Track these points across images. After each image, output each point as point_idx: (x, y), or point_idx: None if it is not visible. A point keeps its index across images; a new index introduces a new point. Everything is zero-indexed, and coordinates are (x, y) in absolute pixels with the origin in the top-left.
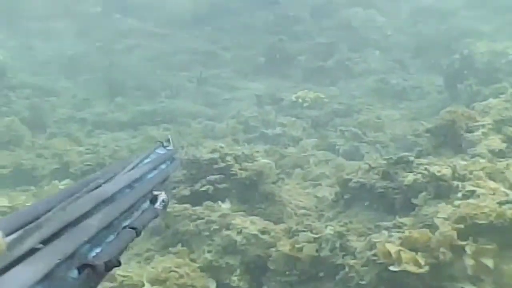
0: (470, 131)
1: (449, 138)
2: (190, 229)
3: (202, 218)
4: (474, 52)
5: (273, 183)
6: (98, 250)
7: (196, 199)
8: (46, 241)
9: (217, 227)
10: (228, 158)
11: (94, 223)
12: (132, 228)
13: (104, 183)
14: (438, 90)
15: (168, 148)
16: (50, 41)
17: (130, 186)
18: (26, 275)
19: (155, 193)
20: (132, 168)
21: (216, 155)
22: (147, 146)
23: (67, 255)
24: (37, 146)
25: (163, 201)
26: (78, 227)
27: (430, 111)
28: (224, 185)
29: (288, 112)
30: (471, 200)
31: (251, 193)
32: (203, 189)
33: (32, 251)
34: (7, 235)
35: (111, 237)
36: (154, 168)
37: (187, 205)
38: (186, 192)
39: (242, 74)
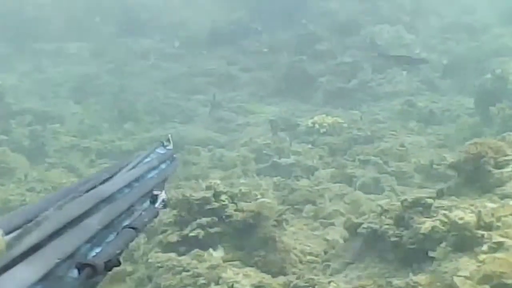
0: (500, 167)
1: (475, 175)
2: (173, 284)
3: (188, 270)
4: (507, 71)
5: (274, 225)
6: (98, 249)
7: (184, 245)
8: (46, 240)
9: (204, 281)
10: (223, 197)
11: (94, 222)
12: (132, 228)
13: (104, 182)
14: (469, 113)
15: (168, 147)
16: (62, 64)
17: (130, 185)
18: (26, 275)
19: (155, 192)
20: (132, 168)
21: (209, 194)
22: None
23: (67, 254)
24: (30, 179)
25: (163, 200)
26: (78, 226)
27: (459, 136)
28: (217, 229)
29: (304, 138)
30: (498, 254)
31: (248, 238)
32: (192, 234)
33: (32, 250)
34: (7, 233)
35: (111, 237)
36: (154, 168)
37: (172, 254)
38: (174, 237)
39: (259, 97)
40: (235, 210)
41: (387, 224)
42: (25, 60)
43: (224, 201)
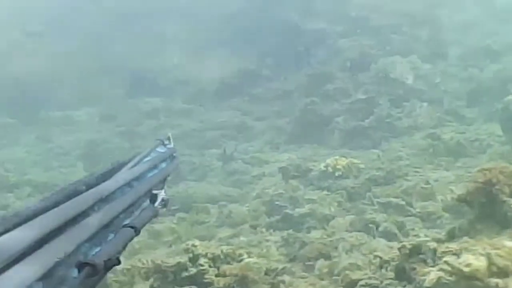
0: None
1: (489, 208)
2: None
3: None
4: None
5: None
6: (97, 249)
7: None
8: (46, 240)
9: None
10: (202, 260)
11: (93, 221)
12: (132, 227)
13: (104, 181)
14: (500, 141)
15: (168, 146)
16: (70, 131)
17: (130, 184)
18: (26, 274)
19: (155, 192)
20: (132, 167)
21: (185, 259)
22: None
23: (67, 254)
24: None
25: (163, 200)
26: (78, 225)
27: None
28: None
29: (319, 184)
30: None
31: None
32: None
33: (32, 250)
34: (7, 232)
35: (111, 236)
36: (154, 167)
37: None
38: None
39: (275, 145)
40: (216, 276)
41: (389, 279)
42: (32, 130)
43: (203, 265)
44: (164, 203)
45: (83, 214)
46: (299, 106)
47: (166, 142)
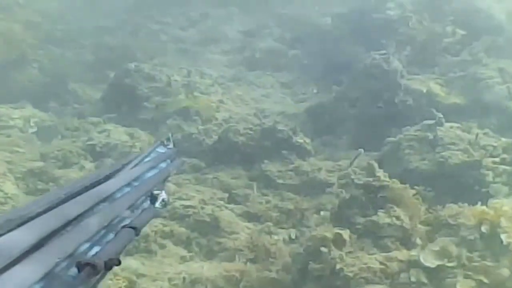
0: None
1: None
2: None
3: None
4: None
5: None
6: (97, 249)
7: None
8: (46, 240)
9: None
10: None
11: (94, 222)
12: (132, 227)
13: (104, 181)
14: None
15: (168, 147)
16: None
17: (130, 185)
18: (27, 274)
19: (155, 192)
20: (133, 167)
21: None
22: None
23: (67, 254)
24: None
25: (163, 200)
26: (78, 225)
27: None
28: None
29: None
30: None
31: None
32: None
33: (32, 250)
34: (7, 233)
35: (111, 236)
36: (155, 167)
37: None
38: None
39: None
40: None
41: None
42: None
43: None
44: (164, 203)
45: (84, 215)
46: None
47: (167, 142)
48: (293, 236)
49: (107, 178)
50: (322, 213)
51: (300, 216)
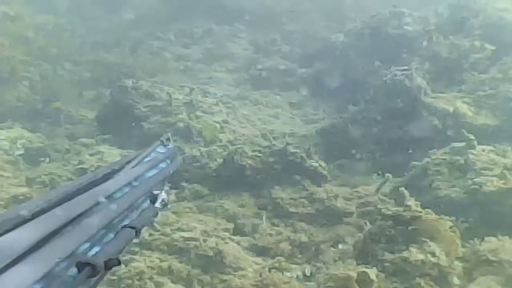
0: None
1: None
2: None
3: None
4: None
5: None
6: (97, 249)
7: None
8: (46, 240)
9: None
10: None
11: (94, 222)
12: (132, 227)
13: (104, 181)
14: None
15: (168, 146)
16: None
17: (129, 184)
18: (26, 274)
19: (155, 192)
20: (132, 167)
21: None
22: None
23: (67, 254)
24: None
25: (163, 200)
26: (78, 225)
27: None
28: None
29: None
30: None
31: None
32: None
33: (32, 250)
34: (7, 232)
35: (111, 236)
36: (154, 167)
37: None
38: None
39: None
40: None
41: None
42: None
43: None
44: (164, 203)
45: (84, 214)
46: None
47: (166, 142)
48: (308, 273)
49: (107, 178)
50: (340, 246)
51: (315, 249)
